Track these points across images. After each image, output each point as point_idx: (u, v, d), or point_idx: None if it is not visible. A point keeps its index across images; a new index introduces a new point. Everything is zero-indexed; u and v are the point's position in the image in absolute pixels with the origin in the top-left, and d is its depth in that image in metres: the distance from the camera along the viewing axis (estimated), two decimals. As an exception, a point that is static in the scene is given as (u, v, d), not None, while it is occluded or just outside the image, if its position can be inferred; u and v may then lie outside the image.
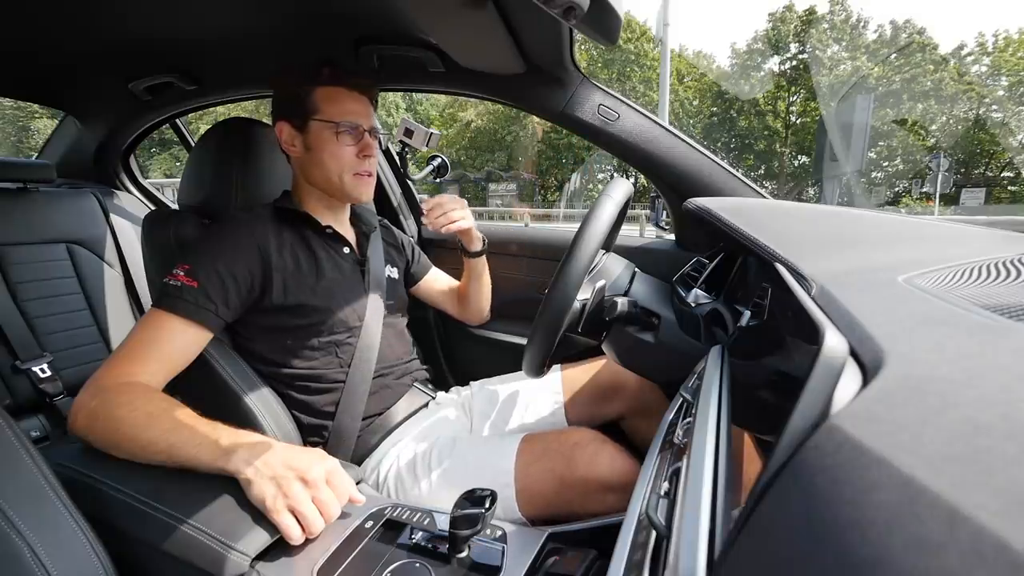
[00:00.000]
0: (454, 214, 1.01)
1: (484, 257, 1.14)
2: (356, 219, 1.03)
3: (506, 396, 1.03)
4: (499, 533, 0.63)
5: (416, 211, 1.55)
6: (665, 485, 0.37)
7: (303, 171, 0.92)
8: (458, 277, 1.26)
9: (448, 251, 1.44)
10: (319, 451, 0.66)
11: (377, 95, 0.96)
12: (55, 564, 0.49)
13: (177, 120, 1.59)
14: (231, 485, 0.60)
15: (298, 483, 0.59)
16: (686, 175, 0.99)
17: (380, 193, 1.45)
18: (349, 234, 1.00)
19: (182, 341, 0.75)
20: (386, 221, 1.18)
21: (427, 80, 1.10)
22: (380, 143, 0.96)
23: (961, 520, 0.16)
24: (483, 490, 0.58)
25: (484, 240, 1.12)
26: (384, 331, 0.96)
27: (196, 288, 0.76)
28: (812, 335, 0.30)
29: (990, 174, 21.40)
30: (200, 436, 0.62)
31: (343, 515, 0.63)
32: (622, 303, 0.76)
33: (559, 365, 1.07)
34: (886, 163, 23.02)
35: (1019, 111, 20.35)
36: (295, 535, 0.57)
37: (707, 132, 24.38)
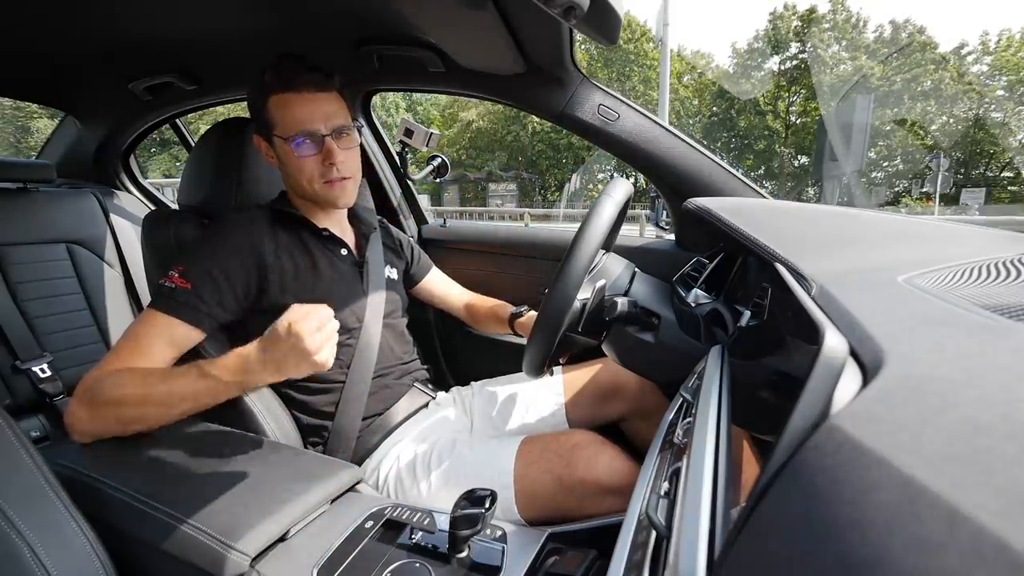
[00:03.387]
0: None
1: None
2: (355, 220, 1.03)
3: (506, 396, 1.03)
4: (499, 533, 0.63)
5: (416, 211, 1.55)
6: (665, 485, 0.37)
7: (284, 181, 0.93)
8: (457, 278, 1.26)
9: (448, 251, 1.44)
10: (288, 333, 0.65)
11: (336, 84, 0.86)
12: (55, 564, 0.49)
13: (177, 120, 1.59)
14: (231, 484, 0.60)
15: (304, 343, 0.63)
16: (686, 175, 0.99)
17: (380, 193, 1.45)
18: (348, 235, 1.00)
19: (173, 340, 0.76)
20: (386, 221, 1.18)
21: (427, 80, 1.10)
22: (359, 135, 0.90)
23: (961, 520, 0.16)
24: (483, 490, 0.58)
25: None
26: (384, 332, 0.96)
27: (189, 290, 0.77)
28: (812, 335, 0.30)
29: (990, 174, 21.38)
30: (199, 378, 0.69)
31: (343, 515, 0.63)
32: (622, 303, 0.76)
33: (560, 367, 1.07)
34: (886, 163, 23.00)
35: (1019, 111, 20.33)
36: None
37: (707, 132, 24.36)
